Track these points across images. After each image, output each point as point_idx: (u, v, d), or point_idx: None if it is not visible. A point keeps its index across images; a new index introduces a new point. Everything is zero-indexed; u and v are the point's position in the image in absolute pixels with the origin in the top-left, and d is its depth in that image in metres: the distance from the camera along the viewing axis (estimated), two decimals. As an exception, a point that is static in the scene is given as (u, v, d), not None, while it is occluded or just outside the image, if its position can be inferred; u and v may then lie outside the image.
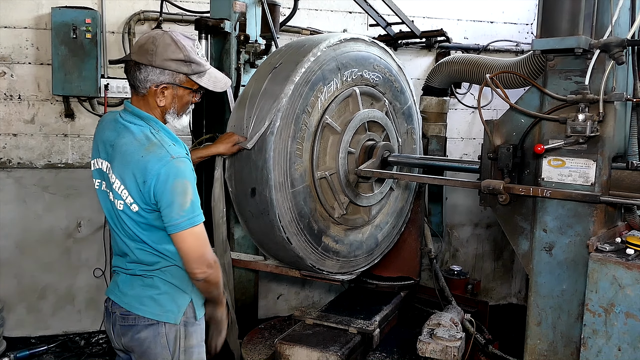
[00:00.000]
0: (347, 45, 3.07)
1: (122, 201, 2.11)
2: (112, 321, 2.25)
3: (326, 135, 3.02)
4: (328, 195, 3.07)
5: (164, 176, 2.01)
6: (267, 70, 2.91)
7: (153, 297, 2.18)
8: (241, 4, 3.74)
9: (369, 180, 3.29)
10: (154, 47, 2.10)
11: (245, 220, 2.98)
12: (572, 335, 2.60)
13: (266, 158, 2.71)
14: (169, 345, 2.18)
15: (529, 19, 5.71)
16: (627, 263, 2.20)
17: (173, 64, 2.12)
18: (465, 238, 5.91)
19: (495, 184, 2.68)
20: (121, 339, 2.24)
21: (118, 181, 2.11)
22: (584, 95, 2.41)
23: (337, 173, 3.05)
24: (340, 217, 3.13)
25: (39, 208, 4.70)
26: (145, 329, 2.17)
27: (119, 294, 2.24)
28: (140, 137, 2.09)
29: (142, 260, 2.19)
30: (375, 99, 3.31)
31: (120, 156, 2.10)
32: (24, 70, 4.55)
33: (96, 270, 4.81)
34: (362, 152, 3.21)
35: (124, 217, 2.14)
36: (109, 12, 4.64)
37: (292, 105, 2.76)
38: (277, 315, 5.20)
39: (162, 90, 2.15)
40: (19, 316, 4.73)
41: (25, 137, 4.62)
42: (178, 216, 2.03)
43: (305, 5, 4.85)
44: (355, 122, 3.09)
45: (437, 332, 3.07)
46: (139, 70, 2.12)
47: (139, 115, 2.16)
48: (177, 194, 2.02)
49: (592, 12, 2.43)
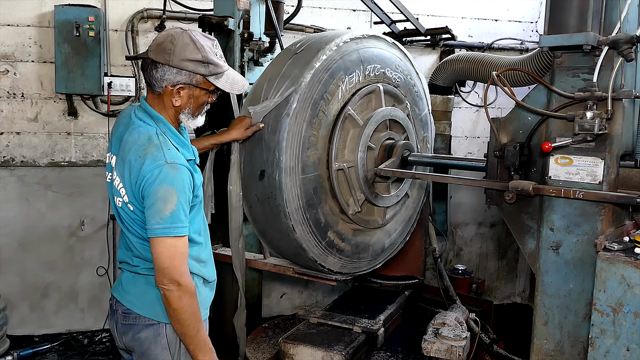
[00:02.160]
0: (369, 42, 3.07)
1: (121, 198, 2.12)
2: (116, 319, 2.24)
3: (347, 127, 2.98)
4: (344, 189, 3.01)
5: (152, 179, 1.99)
6: (288, 56, 2.90)
7: (155, 296, 2.12)
8: (245, 2, 3.72)
9: (387, 181, 3.22)
10: (172, 46, 2.07)
11: (250, 206, 2.94)
12: (579, 335, 2.58)
13: (279, 140, 2.68)
14: (169, 347, 2.16)
15: (534, 17, 5.68)
16: (636, 262, 2.18)
17: (190, 64, 2.09)
18: (469, 237, 5.89)
19: (524, 184, 2.57)
20: (122, 338, 2.23)
21: (118, 178, 2.11)
22: (592, 93, 2.38)
23: (356, 167, 3.00)
24: (354, 215, 3.07)
25: (42, 206, 4.69)
26: (145, 329, 2.15)
27: (121, 292, 2.23)
28: (143, 137, 2.07)
29: (145, 256, 2.15)
30: (397, 100, 3.28)
31: (123, 154, 2.09)
32: (27, 68, 4.53)
33: (99, 269, 4.81)
34: (382, 149, 3.16)
35: (123, 214, 2.15)
36: (112, 10, 4.62)
37: (311, 90, 2.74)
38: (281, 314, 5.19)
39: (179, 90, 2.12)
40: (22, 314, 4.73)
41: (29, 136, 4.61)
42: (155, 222, 1.99)
43: (309, 3, 4.83)
44: (378, 117, 3.05)
45: (442, 332, 3.06)
46: (156, 68, 2.09)
47: (150, 114, 2.14)
48: (158, 199, 1.99)
49: (601, 9, 2.41)
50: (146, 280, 2.18)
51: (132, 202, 2.08)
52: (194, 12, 4.62)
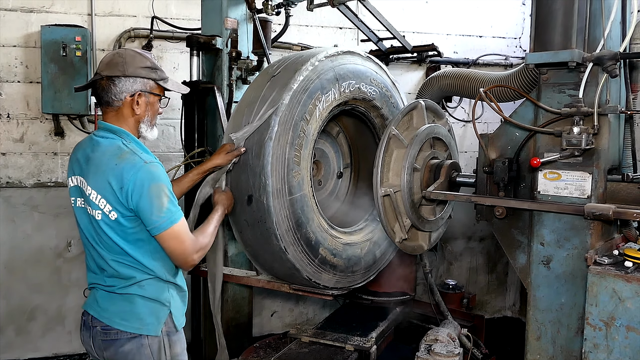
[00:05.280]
0: (344, 58, 3.07)
1: (100, 210, 2.16)
2: (93, 335, 2.27)
3: (390, 149, 2.93)
4: (389, 215, 2.94)
5: (139, 181, 2.10)
6: (265, 79, 2.91)
7: (133, 312, 2.22)
8: (232, 21, 3.75)
9: (433, 203, 3.12)
10: (122, 59, 2.24)
11: (240, 231, 2.93)
12: (572, 349, 2.58)
13: (264, 164, 2.68)
14: (153, 356, 2.24)
15: (517, 33, 5.76)
16: (626, 276, 2.19)
17: (143, 71, 2.26)
18: (458, 251, 5.90)
19: (603, 208, 2.37)
20: (103, 353, 2.26)
21: (94, 192, 2.17)
22: (578, 108, 2.41)
23: (402, 191, 2.92)
24: (401, 243, 3.01)
25: (28, 228, 4.63)
26: (128, 342, 2.22)
27: (98, 310, 2.27)
28: (112, 148, 2.18)
29: (121, 273, 2.21)
30: (437, 115, 3.28)
31: (95, 167, 2.18)
32: (12, 88, 4.51)
33: (87, 290, 4.72)
34: (427, 170, 3.04)
35: (104, 227, 2.18)
36: (99, 29, 4.62)
37: (291, 112, 2.75)
38: (272, 332, 5.15)
39: (137, 98, 2.26)
40: (8, 339, 4.64)
41: (14, 156, 4.56)
42: (158, 218, 2.12)
43: (295, 21, 4.86)
44: (422, 136, 2.95)
45: (434, 348, 3.04)
46: (113, 83, 2.22)
47: (111, 130, 2.25)
48: (154, 197, 2.11)
49: (585, 26, 2.45)
50: (123, 298, 2.24)
51: (116, 209, 2.14)
52: (181, 32, 4.63)
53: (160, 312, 2.27)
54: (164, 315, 2.28)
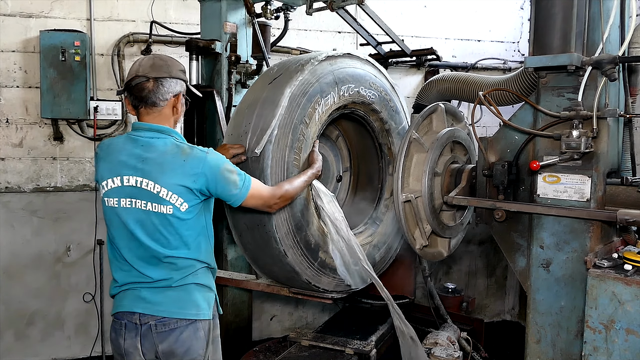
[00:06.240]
0: (343, 61, 3.08)
1: (172, 205, 2.26)
2: (142, 333, 2.32)
3: (410, 153, 2.91)
4: (410, 221, 2.91)
5: (211, 169, 2.26)
6: (266, 81, 2.91)
7: (190, 300, 2.34)
8: (232, 25, 3.75)
9: (453, 209, 3.08)
10: (163, 62, 2.34)
11: (240, 234, 2.93)
12: (572, 352, 2.58)
13: (264, 167, 2.69)
14: (205, 337, 2.38)
15: (516, 37, 5.78)
16: (626, 279, 2.20)
17: (181, 73, 2.39)
18: (458, 255, 5.90)
19: (637, 215, 2.34)
20: (157, 347, 2.31)
21: (164, 189, 2.25)
22: (578, 112, 2.42)
23: (423, 196, 2.88)
24: (421, 250, 2.98)
25: (27, 232, 4.62)
26: (186, 329, 2.33)
27: (149, 305, 2.32)
28: (170, 148, 2.28)
29: (178, 266, 2.31)
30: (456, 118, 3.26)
31: (160, 167, 2.26)
32: (11, 93, 4.50)
33: (86, 295, 4.73)
34: (448, 174, 3.00)
35: (174, 221, 2.27)
36: (98, 34, 4.62)
37: (290, 115, 2.76)
38: (271, 336, 5.14)
39: (179, 98, 2.38)
40: (7, 343, 4.62)
41: (13, 161, 4.56)
42: (236, 190, 2.32)
43: (294, 25, 4.87)
44: (443, 140, 2.91)
45: (434, 352, 3.05)
46: (161, 84, 2.30)
47: (157, 130, 2.32)
48: (228, 176, 2.30)
49: (583, 30, 2.46)
50: (179, 289, 2.34)
51: (187, 201, 2.26)
52: (180, 36, 4.63)
53: (210, 297, 2.43)
54: (212, 300, 2.44)
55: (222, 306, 3.72)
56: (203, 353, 2.36)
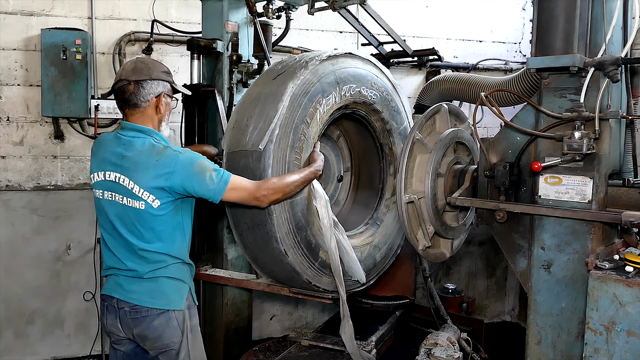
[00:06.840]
0: (345, 61, 3.07)
1: (144, 201, 2.39)
2: (120, 316, 2.52)
3: (413, 154, 2.91)
4: (413, 222, 2.90)
5: (185, 167, 2.36)
6: (270, 77, 2.91)
7: (160, 291, 2.50)
8: (233, 24, 3.75)
9: (456, 210, 3.08)
10: (144, 65, 2.51)
11: (240, 234, 2.93)
12: (573, 354, 2.58)
13: (265, 167, 2.68)
14: (179, 326, 2.52)
15: (517, 38, 5.77)
16: (627, 280, 2.19)
17: (163, 75, 2.54)
18: (458, 255, 5.89)
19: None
20: (132, 330, 2.51)
21: (137, 186, 2.39)
22: (580, 113, 2.42)
23: (426, 197, 2.87)
24: (424, 251, 2.97)
25: (28, 231, 4.62)
26: (157, 318, 2.48)
27: (124, 292, 2.51)
28: (147, 147, 2.42)
29: (149, 260, 2.46)
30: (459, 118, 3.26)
31: (135, 165, 2.41)
32: (12, 92, 4.50)
33: (86, 294, 4.73)
34: (451, 175, 2.99)
35: (146, 216, 2.41)
36: (99, 33, 4.62)
37: (291, 115, 2.75)
38: (271, 336, 5.14)
39: (161, 99, 2.52)
40: (7, 342, 4.63)
41: (14, 159, 4.56)
42: (212, 185, 2.39)
43: (296, 25, 4.86)
44: (446, 141, 2.91)
45: (434, 352, 3.05)
46: (141, 86, 2.47)
47: (139, 130, 2.49)
48: (199, 172, 2.37)
49: (586, 31, 2.46)
50: (149, 280, 2.49)
51: (159, 198, 2.39)
52: (181, 35, 4.63)
53: (182, 289, 2.57)
54: (185, 291, 2.57)
55: (222, 306, 3.80)
56: (177, 341, 2.51)
